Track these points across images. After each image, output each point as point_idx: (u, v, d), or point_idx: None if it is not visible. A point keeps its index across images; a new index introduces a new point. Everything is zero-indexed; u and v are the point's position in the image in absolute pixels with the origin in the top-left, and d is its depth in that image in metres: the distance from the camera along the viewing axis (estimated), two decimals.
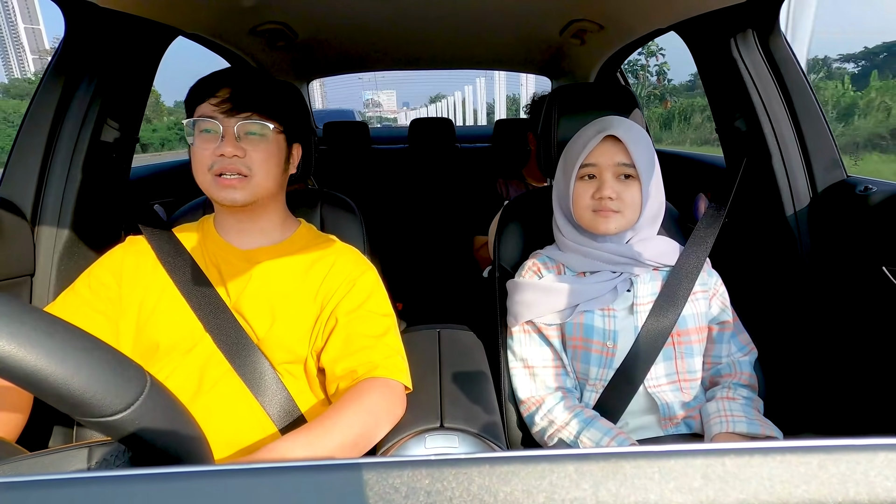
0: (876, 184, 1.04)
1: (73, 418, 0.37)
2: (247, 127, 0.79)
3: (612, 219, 0.88)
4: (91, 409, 0.35)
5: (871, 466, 0.23)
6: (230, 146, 0.78)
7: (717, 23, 1.17)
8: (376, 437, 0.74)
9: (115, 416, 0.36)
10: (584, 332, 0.91)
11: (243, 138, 0.80)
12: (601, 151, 0.89)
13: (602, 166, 0.89)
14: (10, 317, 0.33)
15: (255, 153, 0.80)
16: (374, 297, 0.87)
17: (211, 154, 0.78)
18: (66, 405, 0.35)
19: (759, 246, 1.25)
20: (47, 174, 1.06)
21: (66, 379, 0.34)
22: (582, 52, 1.97)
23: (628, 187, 0.88)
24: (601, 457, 0.24)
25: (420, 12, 1.64)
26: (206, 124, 0.79)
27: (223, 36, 1.63)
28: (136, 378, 0.38)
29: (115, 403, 0.36)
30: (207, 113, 0.79)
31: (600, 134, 0.89)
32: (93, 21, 1.04)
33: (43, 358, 0.33)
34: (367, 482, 0.23)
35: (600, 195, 0.87)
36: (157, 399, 0.39)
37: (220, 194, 0.79)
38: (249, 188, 0.80)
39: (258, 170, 0.80)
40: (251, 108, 0.79)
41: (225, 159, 0.78)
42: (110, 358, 0.37)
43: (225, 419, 0.76)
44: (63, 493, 0.23)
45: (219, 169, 0.78)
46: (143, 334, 0.80)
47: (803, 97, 1.14)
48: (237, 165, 0.78)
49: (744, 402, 0.88)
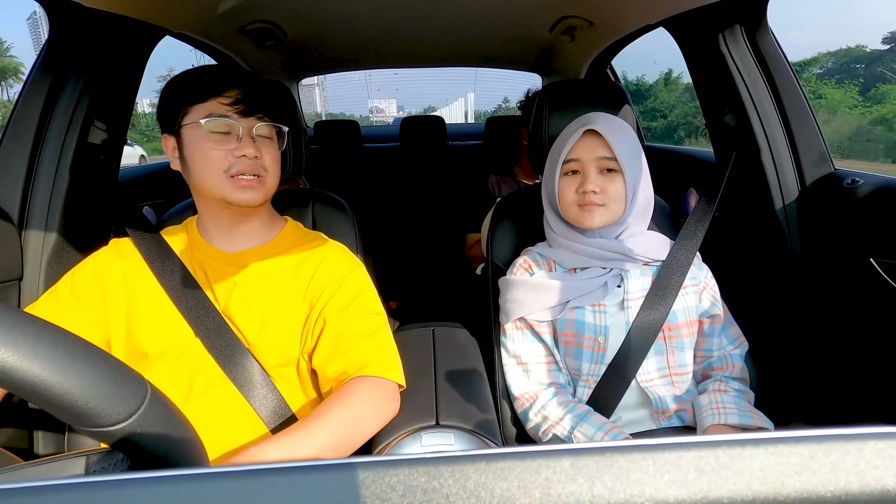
0: (863, 177, 1.05)
1: (74, 428, 0.37)
2: (260, 129, 0.79)
3: (596, 212, 0.88)
4: (93, 419, 0.35)
5: (860, 456, 0.23)
6: (251, 147, 0.77)
7: (705, 18, 1.18)
8: (364, 436, 0.73)
9: (117, 426, 0.36)
10: (575, 329, 0.91)
11: (255, 140, 0.79)
12: (583, 146, 0.90)
13: (584, 161, 0.89)
14: (11, 327, 0.33)
15: (267, 154, 0.80)
16: (363, 296, 0.86)
17: (227, 155, 0.77)
18: (69, 416, 0.34)
19: (749, 239, 1.26)
20: (34, 177, 1.04)
21: (69, 390, 0.33)
22: (572, 48, 1.97)
23: (611, 181, 0.89)
24: (596, 451, 0.24)
25: (410, 10, 1.63)
26: (220, 125, 0.77)
27: (211, 35, 1.61)
28: (137, 387, 0.38)
29: (117, 413, 0.36)
30: (220, 112, 0.77)
31: (581, 129, 0.90)
32: (78, 21, 1.02)
33: (46, 369, 0.33)
34: (363, 481, 0.23)
35: (584, 189, 0.88)
36: (158, 408, 0.39)
37: (239, 196, 0.78)
38: (264, 190, 0.80)
39: (270, 171, 0.81)
40: (261, 111, 0.79)
41: (245, 160, 0.77)
42: (112, 368, 0.37)
43: (216, 423, 0.75)
44: (59, 499, 0.23)
45: (238, 170, 0.77)
46: (133, 340, 0.79)
47: (791, 92, 1.15)
48: (256, 167, 0.78)
49: (735, 394, 0.89)
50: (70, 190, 1.07)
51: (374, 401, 0.75)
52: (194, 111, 0.77)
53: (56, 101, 1.05)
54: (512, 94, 20.77)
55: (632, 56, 2.42)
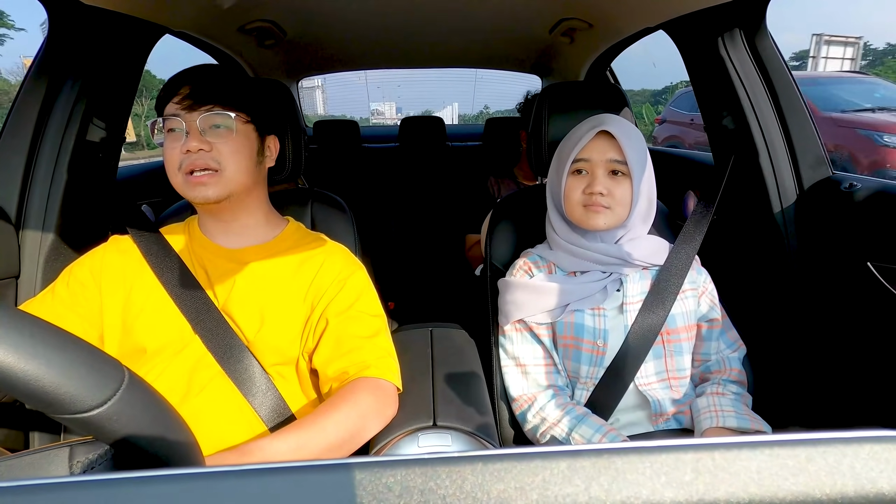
0: (860, 181, 1.05)
1: (48, 416, 0.36)
2: (210, 120, 0.78)
3: (601, 214, 0.88)
4: (64, 405, 0.34)
5: (856, 459, 0.23)
6: (195, 140, 0.76)
7: (704, 21, 1.18)
8: (366, 436, 0.74)
9: (91, 412, 0.35)
10: (574, 332, 0.91)
11: (209, 132, 0.78)
12: (594, 147, 0.89)
13: (594, 161, 0.89)
14: None
15: (223, 146, 0.78)
16: (365, 298, 0.86)
17: (178, 152, 0.77)
18: (40, 402, 0.34)
19: (747, 243, 1.26)
20: (32, 175, 1.04)
21: (36, 375, 0.33)
22: (571, 50, 1.97)
23: (619, 184, 0.89)
24: (593, 453, 0.24)
25: (410, 11, 1.63)
26: (171, 123, 0.78)
27: (211, 34, 1.61)
28: (112, 373, 0.37)
29: (90, 399, 0.35)
30: (171, 112, 0.78)
31: (594, 129, 0.89)
32: (78, 19, 1.02)
33: (11, 354, 0.32)
34: (360, 482, 0.23)
35: (591, 190, 0.88)
36: (137, 394, 0.38)
37: (192, 192, 0.78)
38: (221, 183, 0.78)
39: (228, 162, 0.79)
40: (212, 101, 0.78)
41: (192, 155, 0.76)
42: (83, 352, 0.36)
43: (215, 421, 0.75)
44: (47, 499, 0.23)
45: (188, 166, 0.77)
46: (130, 336, 0.79)
47: (789, 95, 1.16)
48: (205, 160, 0.77)
49: (733, 397, 0.89)
50: (68, 188, 1.06)
51: (377, 401, 0.75)
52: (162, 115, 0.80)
53: (55, 99, 1.05)
54: (492, 101, 21.33)
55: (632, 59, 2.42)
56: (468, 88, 36.57)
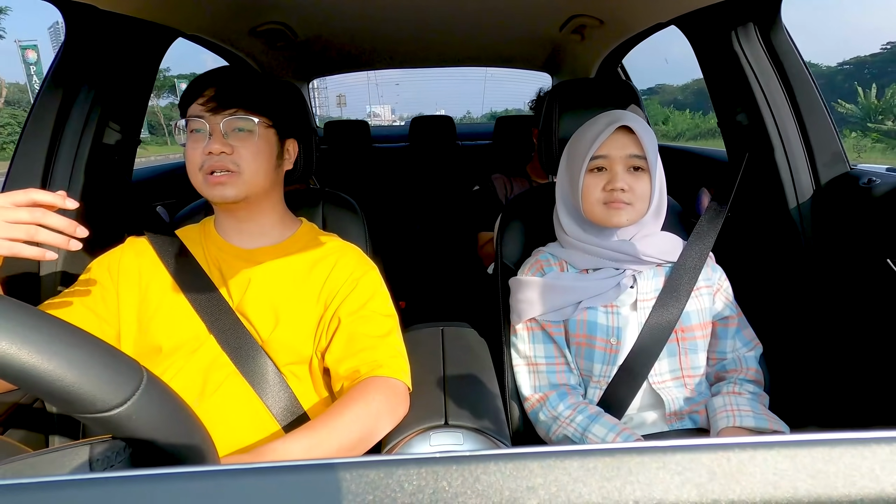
0: (879, 176, 1.03)
1: (69, 415, 0.37)
2: (233, 123, 0.80)
3: (623, 211, 0.87)
4: (85, 405, 0.35)
5: (876, 460, 0.23)
6: (217, 143, 0.78)
7: (717, 16, 1.17)
8: (378, 435, 0.74)
9: (111, 412, 0.36)
10: (587, 329, 0.90)
11: (231, 135, 0.80)
12: (613, 143, 0.88)
13: (613, 158, 0.88)
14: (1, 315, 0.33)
15: (244, 149, 0.80)
16: (377, 298, 0.87)
17: (200, 153, 0.79)
18: (60, 402, 0.35)
19: (763, 240, 1.24)
20: (50, 178, 1.06)
21: (58, 375, 0.34)
22: (582, 48, 1.96)
23: (639, 179, 0.88)
24: (606, 452, 0.24)
25: (420, 11, 1.63)
26: (195, 124, 0.80)
27: (223, 37, 1.63)
28: (131, 373, 0.38)
29: (110, 399, 0.36)
30: (195, 113, 0.80)
31: (612, 125, 0.88)
32: (93, 23, 1.04)
33: (35, 354, 0.33)
34: (373, 481, 0.23)
35: (612, 187, 0.87)
36: (155, 394, 0.39)
37: (211, 192, 0.80)
38: (240, 184, 0.80)
39: (247, 165, 0.80)
40: (236, 105, 0.80)
41: (213, 157, 0.78)
42: (104, 353, 0.37)
43: (230, 421, 0.76)
44: (64, 495, 0.23)
45: (209, 167, 0.79)
46: (146, 335, 0.80)
47: (805, 90, 1.13)
48: (225, 162, 0.79)
49: (750, 396, 0.88)
50: (85, 190, 1.08)
51: (389, 401, 0.76)
52: (186, 115, 0.82)
53: (72, 103, 1.07)
54: (492, 102, 21.74)
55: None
56: (462, 90, 36.97)
